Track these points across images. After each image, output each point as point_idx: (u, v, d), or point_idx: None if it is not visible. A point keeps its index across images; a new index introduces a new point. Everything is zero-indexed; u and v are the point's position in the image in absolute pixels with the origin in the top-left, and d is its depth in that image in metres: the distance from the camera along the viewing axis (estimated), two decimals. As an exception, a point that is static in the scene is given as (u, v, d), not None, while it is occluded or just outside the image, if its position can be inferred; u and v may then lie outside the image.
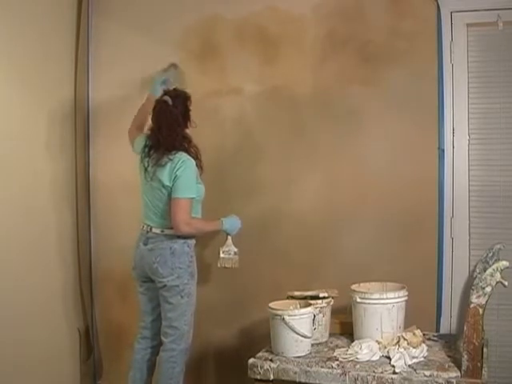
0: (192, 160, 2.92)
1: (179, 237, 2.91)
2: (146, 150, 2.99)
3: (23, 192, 3.15)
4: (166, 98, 2.96)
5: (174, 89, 3.06)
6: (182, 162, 2.88)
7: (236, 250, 3.07)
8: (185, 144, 2.95)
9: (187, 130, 3.00)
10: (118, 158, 3.56)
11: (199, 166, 2.99)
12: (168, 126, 2.92)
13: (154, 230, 2.96)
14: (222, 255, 3.06)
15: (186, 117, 2.99)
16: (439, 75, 3.06)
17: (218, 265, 3.06)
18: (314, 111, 3.26)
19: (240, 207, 3.32)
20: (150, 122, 3.05)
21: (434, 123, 3.07)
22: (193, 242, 2.99)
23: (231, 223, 3.05)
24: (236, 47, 3.37)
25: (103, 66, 3.60)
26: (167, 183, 2.88)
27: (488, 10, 2.97)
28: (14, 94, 3.07)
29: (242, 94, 3.36)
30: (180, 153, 2.91)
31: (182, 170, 2.86)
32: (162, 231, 2.93)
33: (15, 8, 3.06)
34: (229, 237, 3.07)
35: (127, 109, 3.52)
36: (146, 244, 2.97)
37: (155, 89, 3.25)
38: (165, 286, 2.90)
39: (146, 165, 2.96)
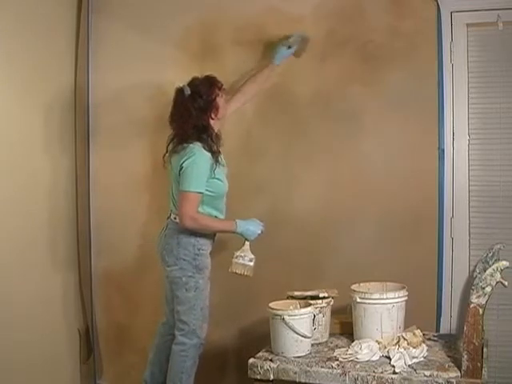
0: (204, 153, 2.82)
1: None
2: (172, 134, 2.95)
3: (23, 191, 3.15)
4: (185, 86, 2.87)
5: (207, 76, 2.92)
6: (191, 153, 2.80)
7: (252, 257, 2.88)
8: (203, 136, 2.85)
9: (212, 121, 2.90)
10: (119, 157, 3.56)
11: (217, 159, 2.87)
12: (179, 117, 2.87)
13: (171, 216, 2.93)
14: (234, 260, 2.88)
15: (209, 106, 2.87)
16: (439, 75, 3.06)
17: (229, 270, 2.90)
18: (314, 111, 3.26)
19: (240, 207, 3.32)
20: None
21: (434, 123, 3.07)
22: (205, 234, 2.88)
23: (248, 226, 2.88)
24: (236, 47, 3.36)
25: (103, 65, 3.60)
26: (175, 171, 2.84)
27: (488, 10, 2.97)
28: (13, 93, 3.07)
29: (241, 94, 3.36)
30: (195, 143, 2.83)
31: (190, 161, 2.78)
32: (175, 218, 2.89)
33: (15, 7, 3.06)
34: (246, 242, 2.89)
35: (127, 108, 3.53)
36: (164, 230, 2.95)
37: (276, 57, 3.13)
38: (169, 276, 2.89)
39: (168, 149, 2.93)
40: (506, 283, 2.39)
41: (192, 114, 2.85)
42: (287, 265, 3.28)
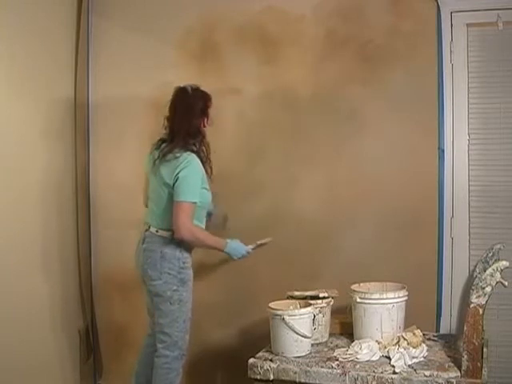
0: (198, 162, 2.81)
1: (172, 240, 2.79)
2: (159, 142, 2.89)
3: (23, 192, 3.15)
4: (187, 86, 2.87)
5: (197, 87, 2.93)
6: (187, 161, 2.76)
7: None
8: (198, 139, 2.85)
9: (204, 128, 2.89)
10: (119, 158, 3.56)
11: (208, 169, 2.87)
12: (183, 114, 2.82)
13: (151, 228, 2.87)
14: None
15: (206, 111, 2.88)
16: (439, 75, 3.06)
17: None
18: (314, 111, 3.26)
19: (240, 207, 3.32)
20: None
21: (434, 123, 3.07)
22: (188, 247, 2.85)
23: (235, 246, 2.92)
24: (236, 47, 3.36)
25: (103, 65, 3.60)
26: (167, 181, 2.78)
27: (488, 10, 2.97)
28: (14, 94, 3.07)
29: (241, 94, 3.36)
30: (188, 153, 2.79)
31: (186, 170, 2.75)
32: (157, 231, 2.84)
33: (16, 8, 3.06)
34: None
35: (127, 109, 3.53)
36: (142, 243, 2.88)
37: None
38: (153, 290, 2.83)
39: (155, 157, 2.85)
40: (506, 283, 2.38)
41: (196, 112, 2.84)
42: (287, 265, 3.28)
